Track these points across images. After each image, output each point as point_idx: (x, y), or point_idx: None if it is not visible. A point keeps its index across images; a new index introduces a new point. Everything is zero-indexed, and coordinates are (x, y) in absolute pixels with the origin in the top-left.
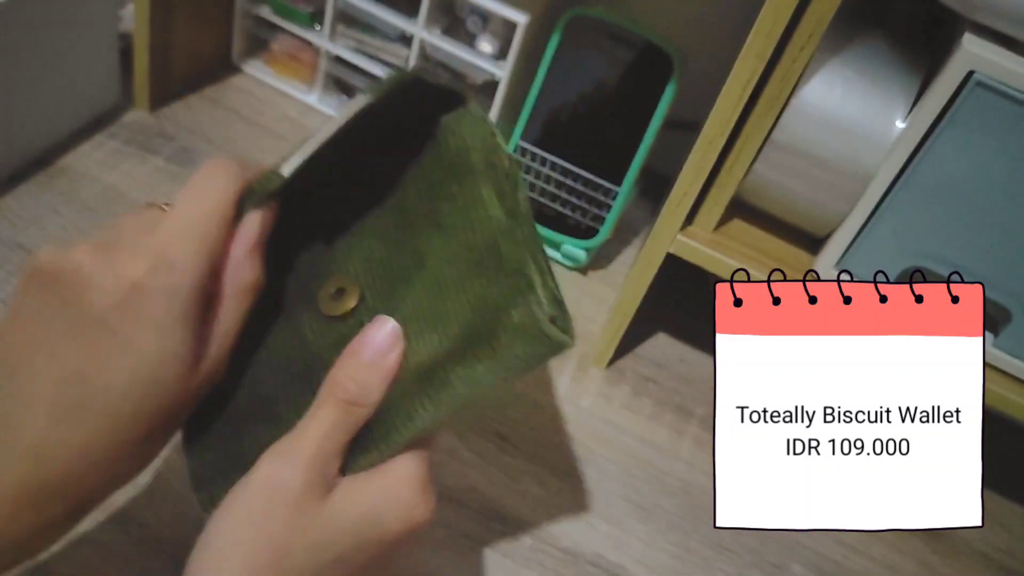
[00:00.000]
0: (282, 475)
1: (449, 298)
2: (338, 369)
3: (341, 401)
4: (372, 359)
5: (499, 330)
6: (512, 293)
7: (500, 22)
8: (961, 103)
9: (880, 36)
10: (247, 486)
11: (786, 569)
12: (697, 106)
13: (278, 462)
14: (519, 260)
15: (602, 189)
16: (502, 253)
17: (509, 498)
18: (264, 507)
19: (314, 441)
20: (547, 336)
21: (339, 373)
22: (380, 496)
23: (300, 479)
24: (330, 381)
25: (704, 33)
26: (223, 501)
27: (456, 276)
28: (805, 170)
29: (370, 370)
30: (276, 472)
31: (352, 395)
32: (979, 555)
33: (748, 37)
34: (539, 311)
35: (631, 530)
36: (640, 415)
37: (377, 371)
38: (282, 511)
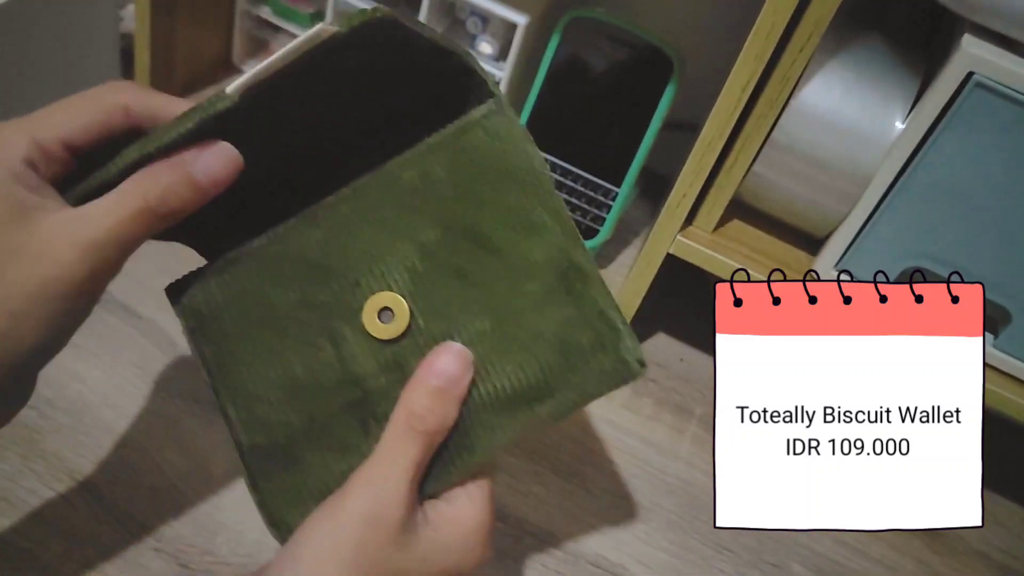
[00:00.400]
0: (378, 510)
1: (522, 329)
2: (414, 398)
3: (421, 432)
4: (447, 387)
5: (588, 370)
6: (599, 337)
7: (500, 23)
8: (960, 104)
9: (879, 37)
10: (337, 518)
11: (785, 568)
12: (697, 107)
13: (371, 496)
14: (595, 298)
15: (602, 190)
16: (574, 288)
17: (510, 498)
18: (358, 541)
19: (404, 474)
20: (634, 376)
21: (416, 403)
22: (460, 536)
23: (397, 515)
24: (406, 411)
25: (704, 34)
26: (306, 529)
27: (525, 307)
28: (804, 171)
29: (446, 399)
30: (371, 507)
31: (431, 426)
32: (979, 554)
33: (747, 38)
34: (631, 359)
35: (631, 529)
36: (640, 415)
37: (452, 399)
38: (376, 546)
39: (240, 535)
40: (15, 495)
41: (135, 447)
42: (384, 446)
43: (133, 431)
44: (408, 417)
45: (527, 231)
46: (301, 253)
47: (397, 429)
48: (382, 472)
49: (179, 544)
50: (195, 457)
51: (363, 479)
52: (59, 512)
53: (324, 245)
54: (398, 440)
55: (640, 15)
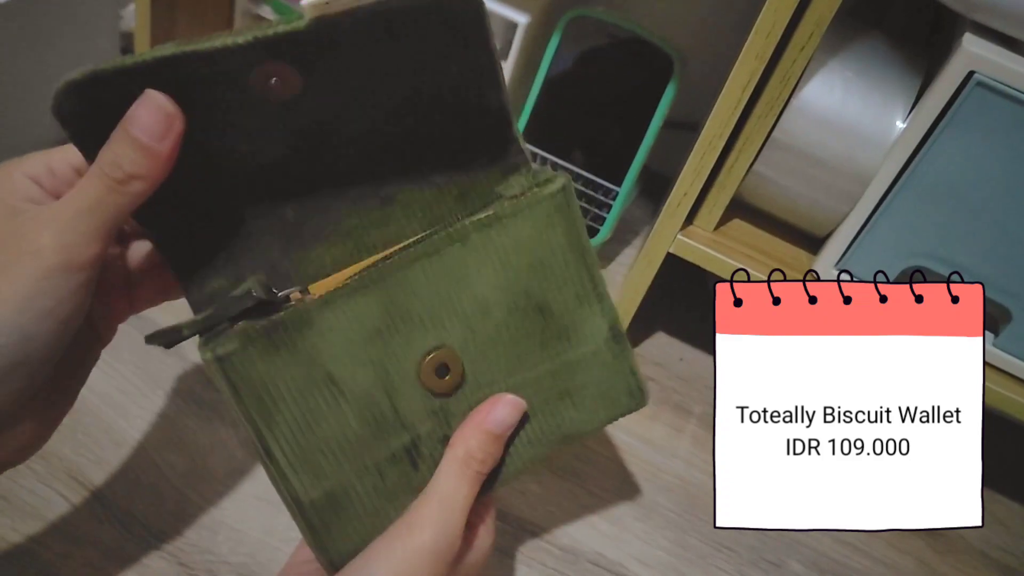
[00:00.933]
0: (443, 545)
1: (571, 383)
2: (473, 443)
3: (476, 473)
4: (503, 434)
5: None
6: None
7: (500, 23)
8: (961, 103)
9: (880, 36)
10: (408, 548)
11: (785, 567)
12: (697, 107)
13: (438, 532)
14: (628, 357)
15: (602, 189)
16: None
17: (509, 497)
18: (428, 571)
19: (463, 512)
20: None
21: (474, 446)
22: (481, 558)
23: (455, 548)
24: (465, 452)
25: (704, 34)
26: (379, 552)
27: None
28: (805, 170)
29: (500, 443)
30: (438, 542)
31: (485, 467)
32: (978, 554)
33: (748, 38)
34: (645, 399)
35: (630, 528)
36: (639, 414)
37: (503, 444)
38: (441, 572)
39: (240, 534)
40: (15, 495)
41: (135, 447)
42: (444, 484)
43: (133, 431)
44: (467, 458)
45: (580, 299)
46: (362, 320)
47: (454, 468)
48: (445, 509)
49: (179, 543)
50: (195, 456)
51: (429, 516)
52: (59, 512)
53: (387, 307)
54: (456, 478)
55: (640, 15)
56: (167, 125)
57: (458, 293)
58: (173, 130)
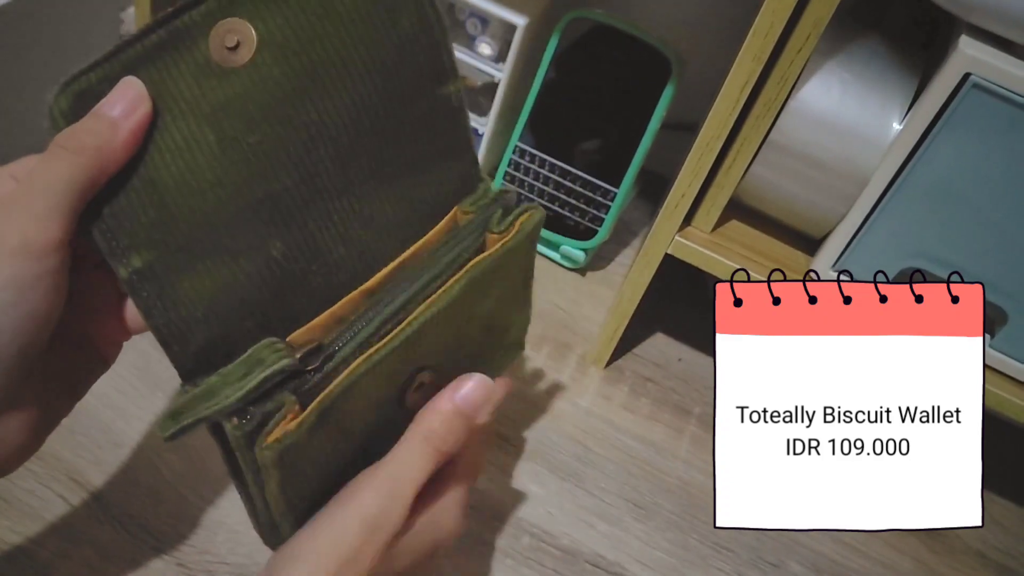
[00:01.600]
0: (380, 516)
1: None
2: (435, 418)
3: (435, 450)
4: (469, 413)
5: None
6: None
7: (499, 24)
8: (957, 105)
9: (877, 38)
10: (345, 515)
11: (784, 568)
12: (695, 107)
13: (381, 501)
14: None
15: (600, 190)
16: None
17: (509, 497)
18: (361, 539)
19: (412, 486)
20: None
21: (437, 423)
22: (443, 520)
23: (395, 520)
24: (426, 428)
25: (702, 35)
26: (310, 528)
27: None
28: (802, 171)
29: (462, 421)
30: (377, 513)
31: (445, 445)
32: (977, 554)
33: (746, 39)
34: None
35: (630, 529)
36: (638, 414)
37: (468, 426)
38: (377, 545)
39: (239, 535)
40: (13, 495)
41: (133, 447)
42: (397, 455)
43: (132, 431)
44: (428, 434)
45: (520, 308)
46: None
47: (413, 442)
48: (393, 480)
49: (178, 544)
50: (193, 457)
51: (374, 484)
52: (58, 512)
53: (402, 357)
54: (411, 452)
55: (639, 16)
56: (133, 103)
57: (453, 329)
58: (139, 110)
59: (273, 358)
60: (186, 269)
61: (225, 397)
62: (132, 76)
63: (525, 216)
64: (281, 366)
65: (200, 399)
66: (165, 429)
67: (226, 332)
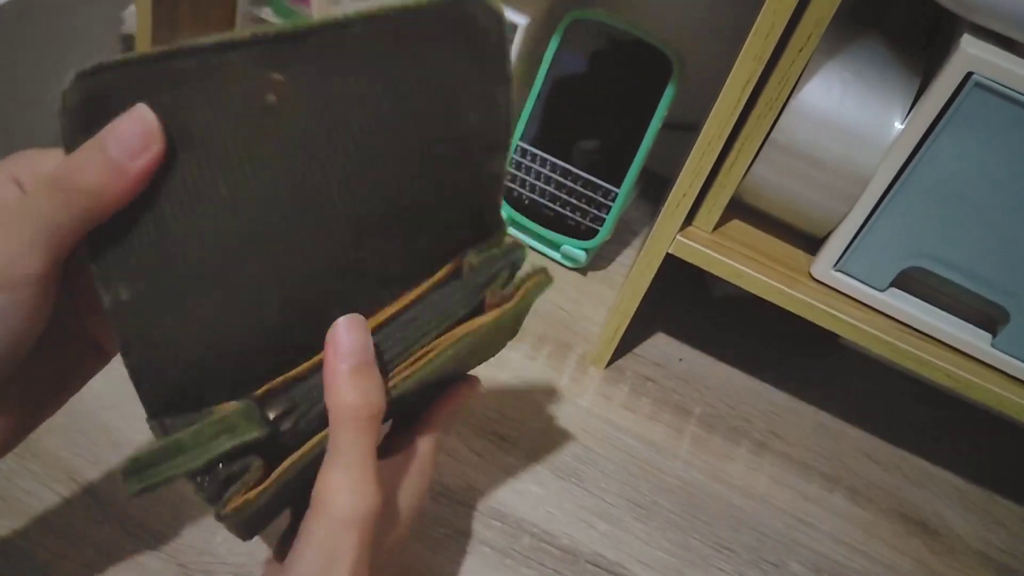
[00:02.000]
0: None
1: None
2: (339, 392)
3: (363, 420)
4: (361, 362)
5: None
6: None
7: None
8: (960, 104)
9: (879, 38)
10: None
11: (784, 568)
12: (696, 107)
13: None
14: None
15: (602, 190)
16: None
17: (509, 497)
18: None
19: (369, 467)
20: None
21: (343, 395)
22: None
23: (373, 503)
24: (339, 406)
25: (704, 35)
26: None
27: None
28: (804, 171)
29: (365, 373)
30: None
31: (370, 408)
32: (977, 554)
33: (747, 39)
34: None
35: (630, 529)
36: (639, 414)
37: (370, 371)
38: (365, 542)
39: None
40: (12, 495)
41: (132, 447)
42: (337, 446)
43: (130, 431)
44: (343, 408)
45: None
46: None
47: (338, 426)
48: (350, 469)
49: (177, 544)
50: None
51: (335, 484)
52: (57, 512)
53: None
54: (344, 433)
55: (640, 16)
56: (144, 141)
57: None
58: (149, 152)
59: (245, 427)
60: (173, 310)
61: (193, 458)
62: (145, 107)
63: (531, 282)
64: (252, 438)
65: (167, 454)
66: (131, 486)
67: (201, 376)
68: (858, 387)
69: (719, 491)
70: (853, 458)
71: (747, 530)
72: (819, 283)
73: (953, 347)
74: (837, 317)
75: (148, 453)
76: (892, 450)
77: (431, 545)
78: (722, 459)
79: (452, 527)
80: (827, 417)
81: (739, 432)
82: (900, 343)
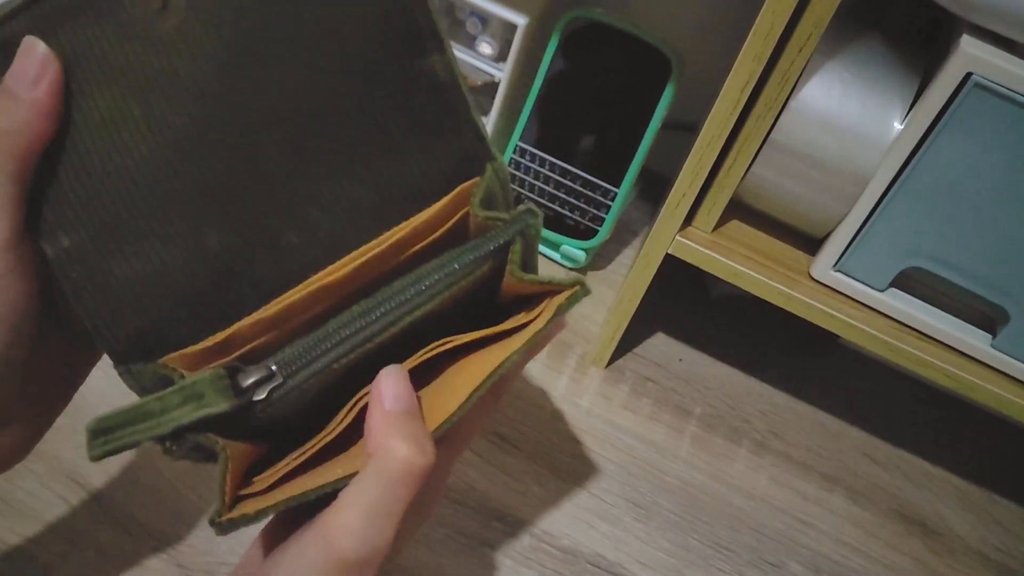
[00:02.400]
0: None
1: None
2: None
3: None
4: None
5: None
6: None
7: (500, 24)
8: (959, 104)
9: (878, 38)
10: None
11: (784, 568)
12: (696, 107)
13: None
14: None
15: (601, 190)
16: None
17: (509, 497)
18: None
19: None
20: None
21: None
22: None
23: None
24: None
25: (703, 35)
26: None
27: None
28: (803, 171)
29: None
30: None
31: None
32: (977, 554)
33: (747, 39)
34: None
35: (630, 529)
36: (639, 414)
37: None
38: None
39: (239, 535)
40: (14, 496)
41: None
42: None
43: None
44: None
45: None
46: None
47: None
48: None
49: (178, 544)
50: None
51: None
52: (58, 513)
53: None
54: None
55: (640, 15)
56: (40, 70)
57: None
58: (47, 76)
59: (212, 398)
60: (115, 252)
61: (159, 425)
62: (30, 36)
63: (563, 297)
64: (219, 410)
65: (133, 419)
66: (95, 449)
67: (158, 319)
68: (858, 387)
69: (719, 491)
70: (853, 458)
71: (747, 530)
72: (818, 283)
73: (953, 347)
74: (837, 317)
75: (114, 416)
76: (892, 450)
77: (431, 545)
78: (722, 459)
79: (452, 527)
80: (827, 417)
81: (739, 432)
82: (900, 343)
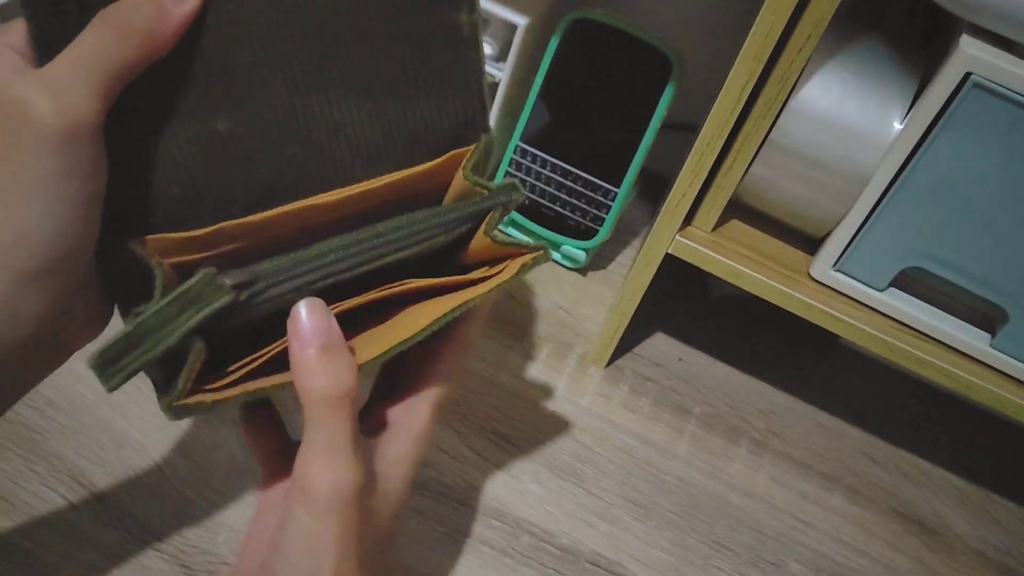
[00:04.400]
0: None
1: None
2: (309, 374)
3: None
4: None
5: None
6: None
7: (500, 24)
8: (958, 105)
9: (878, 38)
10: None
11: (784, 567)
12: (696, 107)
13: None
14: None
15: (601, 190)
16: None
17: (508, 496)
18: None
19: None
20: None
21: (313, 378)
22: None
23: (357, 481)
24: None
25: (703, 35)
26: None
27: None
28: (803, 171)
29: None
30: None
31: (342, 385)
32: (976, 554)
33: (746, 39)
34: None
35: (629, 528)
36: (639, 414)
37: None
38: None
39: (241, 535)
40: (16, 496)
41: (136, 448)
42: (314, 432)
43: (134, 432)
44: (314, 394)
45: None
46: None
47: (313, 410)
48: (326, 458)
49: (180, 544)
50: (196, 457)
51: (312, 471)
52: (60, 513)
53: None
54: (320, 420)
55: (639, 16)
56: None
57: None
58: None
59: (212, 295)
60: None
61: (162, 339)
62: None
63: (529, 257)
64: (221, 304)
65: (133, 341)
66: (109, 379)
67: (149, 193)
68: (857, 387)
69: (718, 491)
70: (852, 458)
71: (746, 529)
72: (818, 283)
73: (952, 347)
74: (836, 317)
75: (114, 344)
76: (891, 449)
77: (431, 544)
78: (721, 459)
79: (452, 526)
80: (826, 417)
81: (738, 432)
82: (899, 343)
